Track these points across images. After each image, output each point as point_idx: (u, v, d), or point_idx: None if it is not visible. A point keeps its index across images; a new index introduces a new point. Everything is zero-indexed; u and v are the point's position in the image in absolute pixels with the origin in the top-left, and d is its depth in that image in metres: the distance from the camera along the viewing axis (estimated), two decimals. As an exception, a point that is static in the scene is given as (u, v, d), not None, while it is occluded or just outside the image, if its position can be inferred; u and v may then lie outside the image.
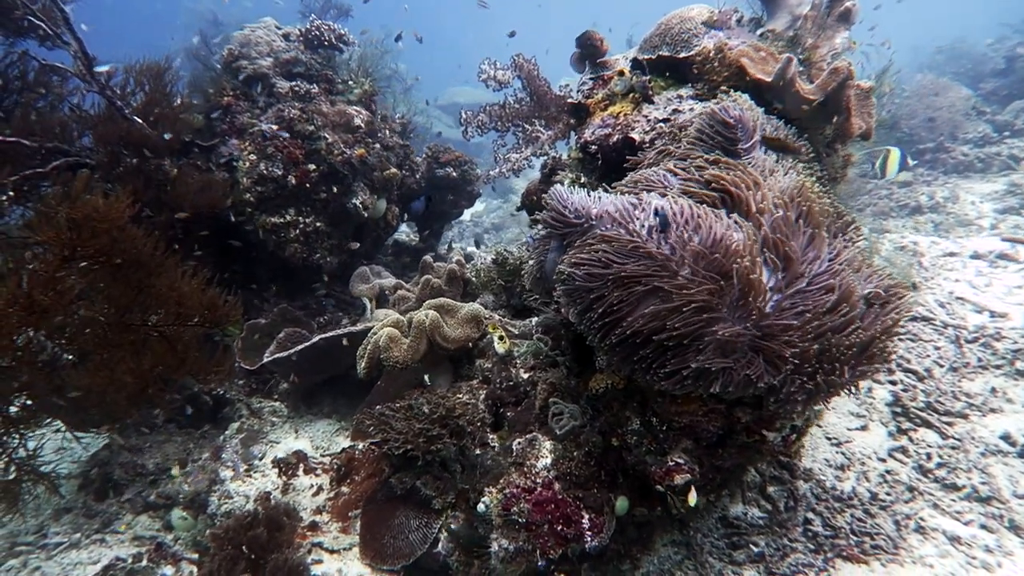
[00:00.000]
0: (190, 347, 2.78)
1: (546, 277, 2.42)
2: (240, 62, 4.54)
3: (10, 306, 2.33)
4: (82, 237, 2.45)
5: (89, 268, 2.53)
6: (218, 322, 2.82)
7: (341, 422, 4.40)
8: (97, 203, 2.49)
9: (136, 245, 2.60)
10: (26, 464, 2.93)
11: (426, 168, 5.21)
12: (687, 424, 2.20)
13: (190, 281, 2.75)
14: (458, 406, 2.95)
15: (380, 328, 3.23)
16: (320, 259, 4.62)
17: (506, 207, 12.06)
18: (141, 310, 2.67)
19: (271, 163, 4.37)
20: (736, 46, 2.44)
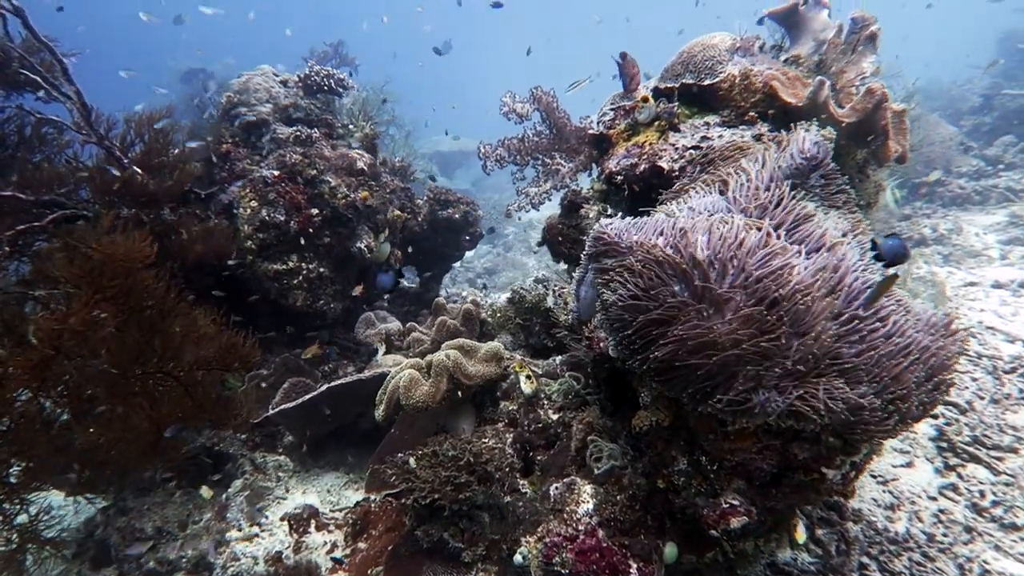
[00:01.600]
0: (209, 392, 2.64)
1: (582, 310, 2.33)
2: (239, 109, 4.49)
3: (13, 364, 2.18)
4: (104, 277, 2.33)
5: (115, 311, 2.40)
6: (239, 365, 2.68)
7: (350, 475, 4.21)
8: (121, 243, 2.38)
9: (151, 288, 2.48)
10: (28, 531, 2.73)
11: (428, 210, 5.15)
12: (739, 462, 2.08)
13: (208, 323, 2.62)
14: (485, 451, 2.80)
15: (399, 370, 3.10)
16: (324, 305, 4.49)
17: (495, 251, 12.04)
18: (156, 355, 2.54)
19: (273, 209, 4.27)
20: (762, 71, 2.42)
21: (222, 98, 4.54)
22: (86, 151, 4.07)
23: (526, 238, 12.30)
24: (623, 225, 2.18)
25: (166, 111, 4.13)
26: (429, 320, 3.98)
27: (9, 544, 2.85)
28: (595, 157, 2.83)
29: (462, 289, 9.01)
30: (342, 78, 4.69)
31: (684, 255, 1.95)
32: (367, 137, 4.68)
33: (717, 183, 2.31)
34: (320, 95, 4.71)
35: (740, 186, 2.22)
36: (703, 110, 2.63)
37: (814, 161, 2.01)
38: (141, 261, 2.45)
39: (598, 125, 2.85)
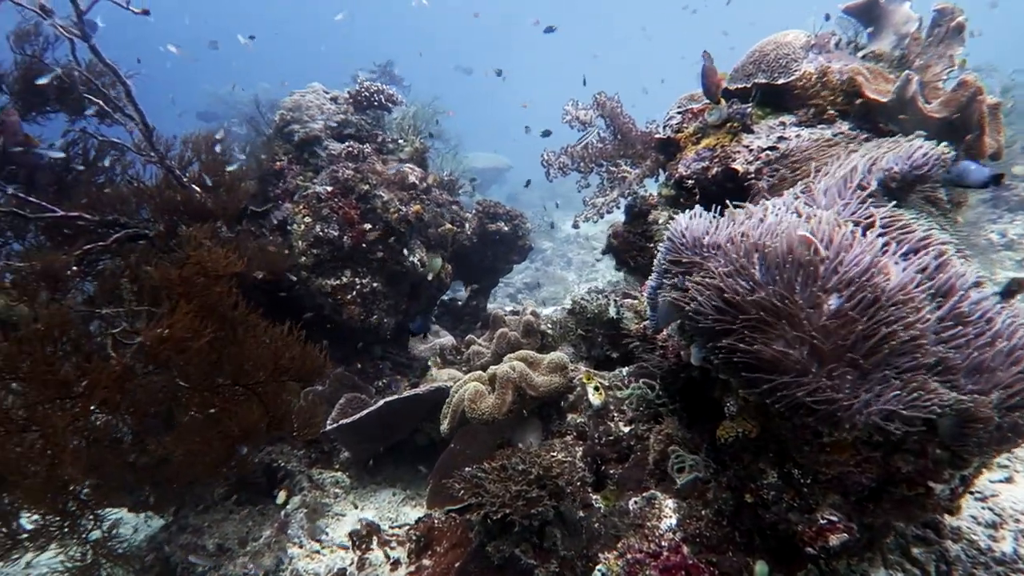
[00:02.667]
0: (285, 404, 2.63)
1: (660, 318, 2.26)
2: (292, 126, 4.54)
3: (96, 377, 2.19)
4: (196, 287, 2.35)
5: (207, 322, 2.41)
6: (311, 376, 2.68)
7: (406, 491, 4.17)
8: (216, 253, 2.41)
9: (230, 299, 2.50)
10: (102, 547, 2.75)
11: (477, 223, 5.13)
12: (835, 476, 1.98)
13: (284, 336, 2.63)
14: (555, 464, 2.73)
15: (463, 383, 3.06)
16: (377, 320, 4.48)
17: (533, 266, 11.99)
18: (233, 367, 2.54)
19: (326, 224, 4.29)
20: (841, 68, 2.34)
21: (275, 116, 4.60)
22: (148, 171, 4.14)
23: (564, 252, 12.24)
24: (703, 225, 2.11)
25: (221, 131, 4.20)
26: (488, 333, 3.94)
27: (84, 559, 2.87)
28: (662, 162, 2.77)
29: (503, 305, 8.97)
30: (391, 94, 4.71)
31: (778, 254, 1.87)
32: (417, 151, 4.69)
33: (798, 183, 2.23)
34: (370, 111, 4.74)
35: (825, 187, 2.14)
36: (777, 110, 2.55)
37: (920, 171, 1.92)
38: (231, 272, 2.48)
39: (665, 129, 2.79)
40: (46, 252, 3.39)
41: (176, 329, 2.31)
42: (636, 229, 2.87)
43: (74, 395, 2.29)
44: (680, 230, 2.15)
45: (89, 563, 2.88)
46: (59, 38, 4.30)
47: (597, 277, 10.25)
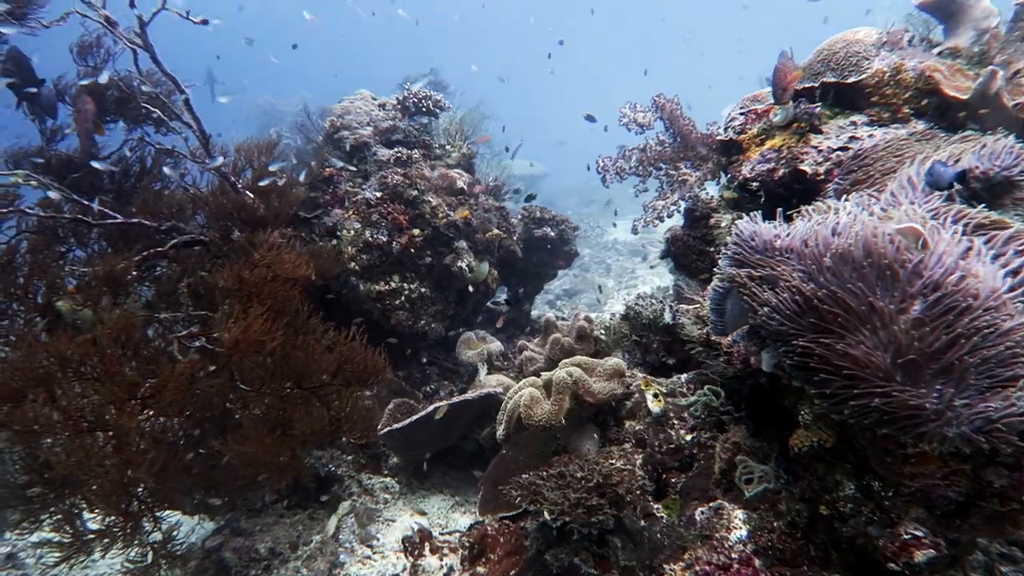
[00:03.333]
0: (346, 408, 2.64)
1: (728, 323, 2.20)
2: (341, 132, 4.58)
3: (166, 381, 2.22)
4: (263, 292, 2.38)
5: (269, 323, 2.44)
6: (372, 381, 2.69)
7: (455, 497, 4.15)
8: (285, 256, 2.45)
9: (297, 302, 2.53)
10: (162, 548, 2.78)
11: (523, 229, 5.11)
12: (919, 489, 1.89)
13: (348, 341, 2.64)
14: (614, 472, 2.68)
15: (518, 389, 3.03)
16: (425, 326, 4.49)
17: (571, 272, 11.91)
18: (297, 370, 2.56)
19: (375, 230, 4.32)
20: (916, 65, 2.26)
21: (325, 123, 4.65)
22: (203, 178, 4.22)
23: (603, 259, 12.15)
24: (774, 227, 2.05)
25: (274, 138, 4.25)
26: (539, 338, 3.91)
27: (144, 560, 2.91)
28: (724, 164, 2.71)
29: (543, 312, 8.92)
30: (438, 99, 4.73)
31: (857, 256, 1.80)
32: (464, 157, 4.69)
33: (873, 184, 2.16)
34: (418, 117, 4.76)
35: (903, 186, 2.06)
36: (846, 110, 2.48)
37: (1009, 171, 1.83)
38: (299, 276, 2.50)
39: (727, 131, 2.73)
40: (108, 258, 3.47)
41: (250, 331, 2.33)
42: (696, 233, 2.82)
43: (142, 397, 2.32)
44: (749, 232, 2.10)
45: (149, 564, 2.92)
46: (120, 50, 4.43)
47: (636, 283, 10.15)
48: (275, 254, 2.58)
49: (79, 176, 4.35)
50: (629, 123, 2.75)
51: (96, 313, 3.39)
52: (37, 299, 3.40)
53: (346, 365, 2.63)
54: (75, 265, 3.64)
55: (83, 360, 2.23)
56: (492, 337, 4.60)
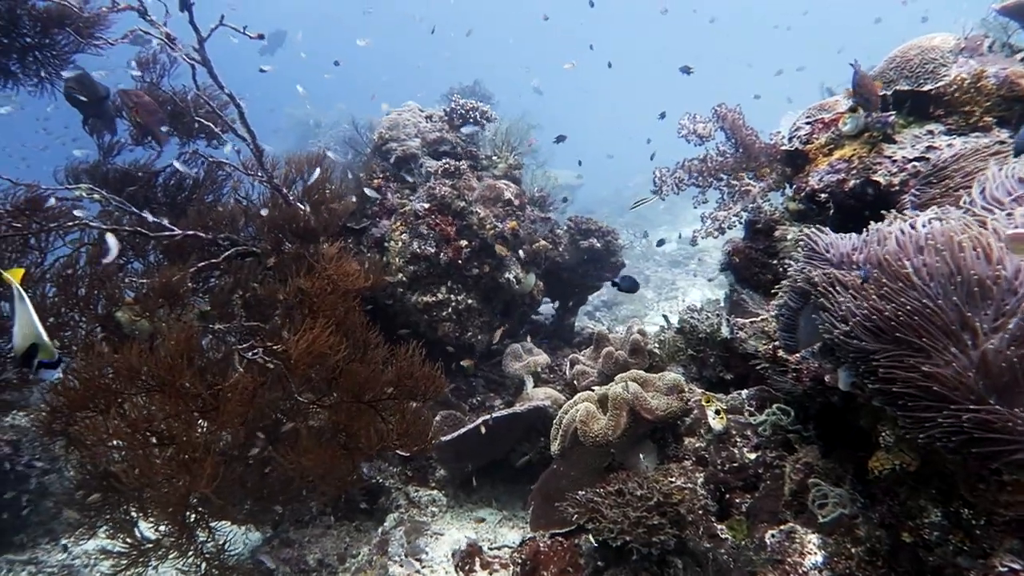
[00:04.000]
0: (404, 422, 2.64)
1: (800, 339, 2.13)
2: (390, 144, 4.61)
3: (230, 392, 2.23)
4: (324, 304, 2.39)
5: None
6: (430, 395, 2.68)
7: (503, 511, 4.11)
8: (345, 267, 2.46)
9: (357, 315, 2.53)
10: (215, 559, 2.79)
11: (568, 240, 5.07)
12: (1015, 518, 1.80)
13: (409, 356, 2.64)
14: (675, 491, 2.61)
15: (573, 404, 2.99)
16: (471, 338, 4.47)
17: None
18: (358, 383, 2.56)
19: (423, 241, 4.32)
20: (998, 72, 2.17)
21: (373, 135, 4.68)
22: (255, 190, 4.28)
23: (641, 270, 12.03)
24: (850, 238, 1.98)
25: (323, 152, 4.29)
26: (591, 351, 3.86)
27: (198, 570, 2.93)
28: (788, 175, 2.64)
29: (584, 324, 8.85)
30: (485, 110, 4.73)
31: (945, 270, 1.72)
32: (511, 168, 4.68)
33: (955, 194, 2.07)
34: (465, 128, 4.76)
35: (993, 196, 1.97)
36: (921, 118, 2.39)
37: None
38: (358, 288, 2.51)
39: (792, 141, 2.66)
40: (164, 269, 3.53)
41: (316, 345, 2.34)
42: (758, 245, 2.75)
43: (205, 409, 2.33)
44: (824, 244, 2.03)
45: (202, 575, 2.93)
46: (175, 65, 4.53)
47: (677, 294, 10.01)
48: (336, 266, 2.59)
49: (135, 189, 4.45)
50: (688, 135, 2.71)
51: (153, 324, 3.45)
52: (97, 310, 3.47)
53: (405, 380, 2.62)
54: (133, 277, 3.70)
55: (150, 372, 2.25)
56: (539, 349, 4.56)
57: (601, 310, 10.13)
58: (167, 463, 2.21)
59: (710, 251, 12.88)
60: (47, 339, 1.87)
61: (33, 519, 4.41)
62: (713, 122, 2.69)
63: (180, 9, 3.47)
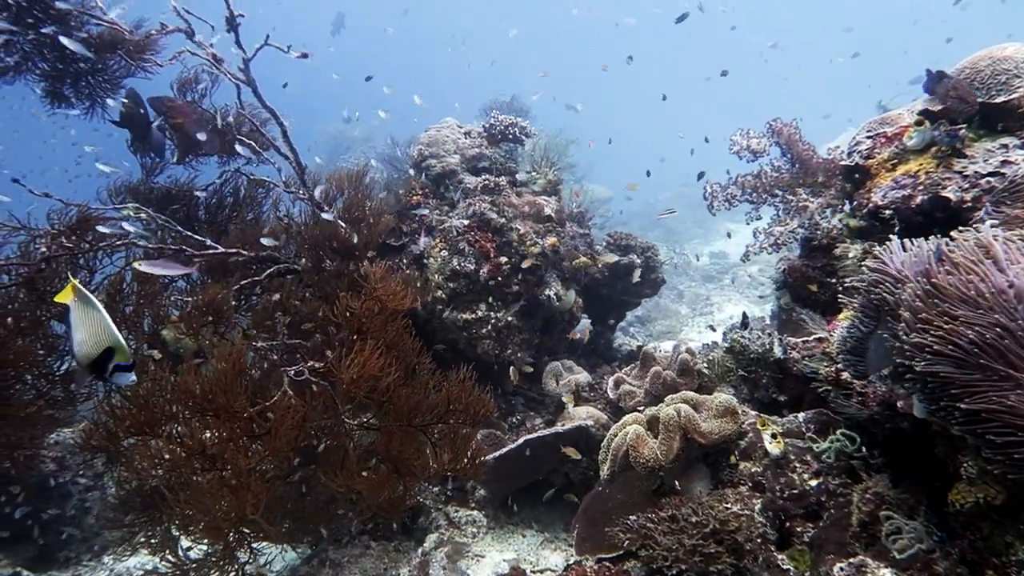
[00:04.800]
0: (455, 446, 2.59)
1: (871, 363, 2.03)
2: (429, 160, 4.60)
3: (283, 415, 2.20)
4: (373, 325, 2.37)
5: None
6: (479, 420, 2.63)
7: (544, 533, 4.02)
8: (393, 287, 2.44)
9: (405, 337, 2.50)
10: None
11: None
12: (1111, 554, 1.69)
13: (460, 381, 2.60)
14: (731, 518, 2.52)
15: (622, 425, 2.91)
16: (511, 355, 4.41)
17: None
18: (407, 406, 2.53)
19: (463, 258, 4.29)
20: (1077, 81, 2.06)
21: (412, 151, 4.68)
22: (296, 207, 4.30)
23: (674, 285, 11.88)
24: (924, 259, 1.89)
25: (363, 168, 4.30)
26: (636, 370, 3.78)
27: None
28: (848, 191, 2.55)
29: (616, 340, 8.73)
30: (524, 126, 4.70)
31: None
32: (550, 183, 4.64)
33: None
34: (503, 144, 4.74)
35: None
36: (992, 132, 2.29)
37: None
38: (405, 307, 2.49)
39: (852, 155, 2.57)
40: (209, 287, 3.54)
41: (368, 369, 2.31)
42: (815, 263, 2.66)
43: (256, 434, 2.31)
44: (896, 265, 1.94)
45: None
46: (216, 85, 4.59)
47: (712, 310, 9.85)
48: (384, 286, 2.57)
49: (177, 208, 4.51)
50: (741, 151, 2.64)
51: (197, 342, 3.46)
52: (144, 328, 3.49)
53: (456, 404, 2.58)
54: (178, 295, 3.73)
55: (204, 395, 2.24)
56: (579, 367, 4.49)
57: (635, 326, 10.00)
58: (217, 486, 2.18)
59: (744, 267, 12.71)
60: (123, 341, 1.86)
61: (76, 536, 4.44)
62: (767, 137, 2.62)
63: (227, 30, 3.51)
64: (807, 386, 2.87)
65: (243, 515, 2.23)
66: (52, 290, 3.24)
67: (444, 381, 2.75)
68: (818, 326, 2.59)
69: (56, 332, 3.18)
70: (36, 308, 3.20)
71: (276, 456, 2.33)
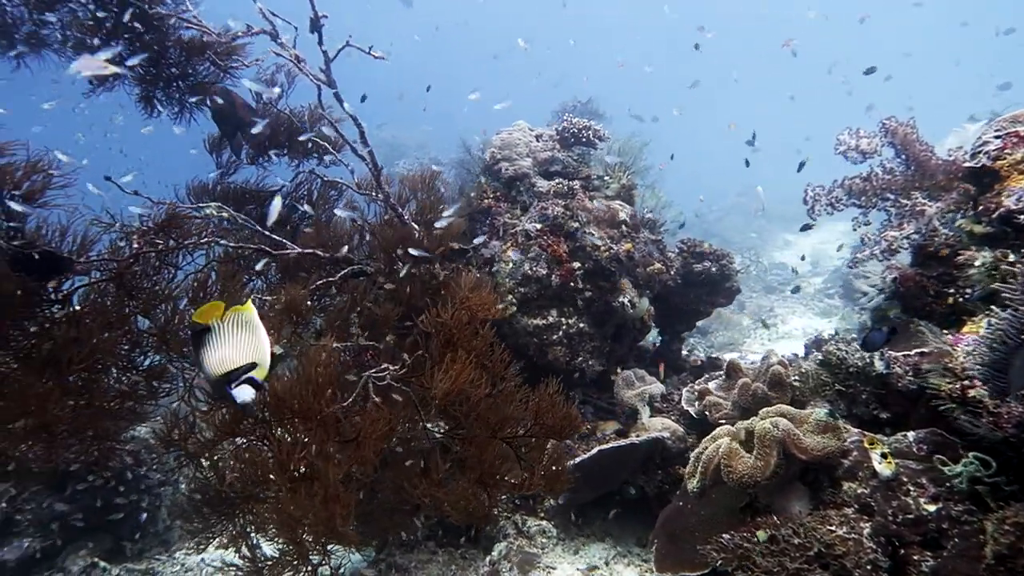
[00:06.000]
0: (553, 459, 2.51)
1: (1011, 380, 1.87)
2: (501, 164, 4.55)
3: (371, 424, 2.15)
4: (462, 336, 2.30)
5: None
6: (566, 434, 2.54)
7: (617, 547, 3.90)
8: (482, 296, 2.38)
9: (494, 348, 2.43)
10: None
11: (681, 264, 4.85)
12: None
13: (550, 395, 2.53)
14: (837, 542, 2.37)
15: (713, 438, 2.79)
16: (582, 363, 4.31)
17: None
18: (494, 418, 2.46)
19: (535, 263, 4.21)
20: None
21: (485, 154, 4.64)
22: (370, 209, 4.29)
23: (734, 295, 11.55)
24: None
25: (437, 171, 4.27)
26: (721, 382, 3.64)
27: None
28: (973, 195, 2.38)
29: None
30: (598, 129, 4.61)
31: None
32: (624, 188, 4.53)
33: None
34: (575, 147, 4.66)
35: None
36: None
37: None
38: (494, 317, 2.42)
39: (976, 157, 2.40)
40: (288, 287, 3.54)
41: (459, 382, 2.25)
42: (930, 272, 2.49)
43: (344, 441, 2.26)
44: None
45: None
46: (292, 86, 4.63)
47: (776, 322, 9.54)
48: (476, 295, 2.51)
49: (252, 208, 4.55)
50: (848, 151, 2.49)
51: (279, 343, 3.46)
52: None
53: (544, 417, 2.50)
54: (257, 294, 3.75)
55: (299, 402, 2.21)
56: (651, 377, 4.36)
57: (695, 336, 9.77)
58: (307, 497, 2.14)
59: (807, 277, 12.32)
60: (268, 361, 1.86)
61: (149, 529, 4.51)
62: (880, 137, 2.47)
63: (310, 31, 3.52)
64: (914, 403, 2.70)
65: (333, 528, 2.18)
66: (138, 286, 3.28)
67: (531, 393, 2.67)
68: (938, 339, 2.42)
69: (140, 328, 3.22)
70: (123, 304, 3.24)
71: (363, 465, 2.28)
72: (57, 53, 3.83)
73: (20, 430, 2.89)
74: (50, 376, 2.87)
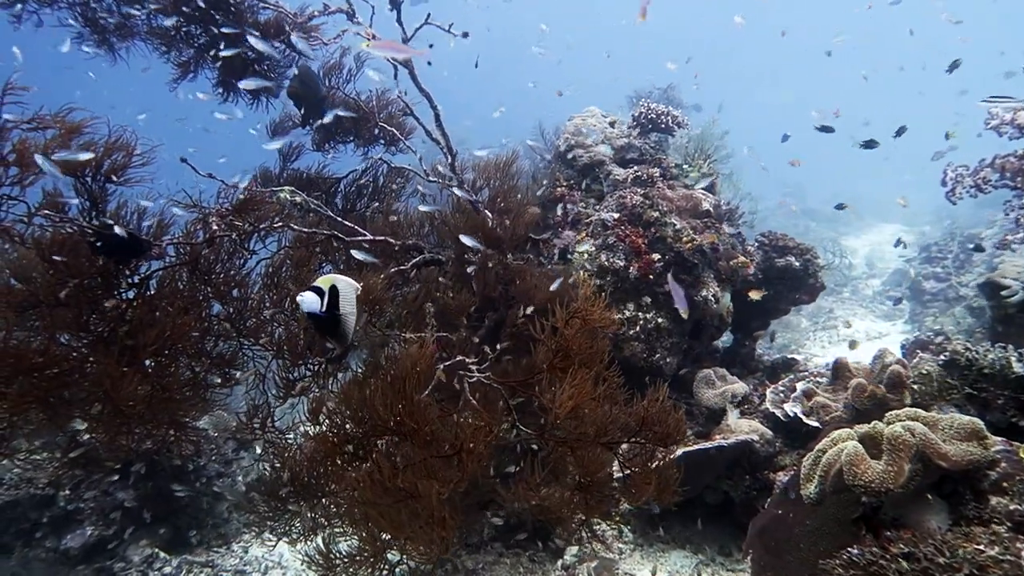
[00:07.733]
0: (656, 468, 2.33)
1: None
2: (575, 151, 4.36)
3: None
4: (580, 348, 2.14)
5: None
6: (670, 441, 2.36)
7: (699, 554, 3.68)
8: (599, 309, 2.23)
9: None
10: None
11: (762, 257, 4.59)
12: None
13: (658, 400, 2.34)
14: (990, 563, 2.12)
15: (836, 441, 2.55)
16: (660, 360, 4.09)
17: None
18: (597, 424, 2.28)
19: (611, 253, 4.00)
20: None
21: (559, 141, 4.45)
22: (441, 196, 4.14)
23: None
24: None
25: (513, 156, 4.09)
26: (829, 383, 3.39)
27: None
28: None
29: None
30: (677, 115, 4.39)
31: None
32: (704, 177, 4.29)
33: None
34: (652, 134, 4.44)
35: None
36: None
37: None
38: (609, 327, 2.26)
39: None
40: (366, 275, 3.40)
41: (579, 398, 2.08)
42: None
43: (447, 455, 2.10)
44: None
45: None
46: (359, 70, 4.49)
47: (836, 324, 9.14)
48: (595, 306, 2.36)
49: (318, 195, 4.43)
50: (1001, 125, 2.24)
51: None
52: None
53: (650, 424, 2.31)
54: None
55: (399, 420, 2.04)
56: (733, 376, 4.12)
57: (750, 338, 9.41)
58: (412, 518, 1.98)
59: (863, 279, 11.83)
60: None
61: (208, 521, 4.42)
62: (1039, 112, 2.22)
63: (390, 9, 3.38)
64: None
65: (445, 550, 2.02)
66: (212, 270, 3.17)
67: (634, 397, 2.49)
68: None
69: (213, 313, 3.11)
70: (196, 288, 3.13)
71: (468, 480, 2.11)
72: (144, 41, 3.81)
73: (95, 416, 2.80)
74: (126, 361, 2.76)
